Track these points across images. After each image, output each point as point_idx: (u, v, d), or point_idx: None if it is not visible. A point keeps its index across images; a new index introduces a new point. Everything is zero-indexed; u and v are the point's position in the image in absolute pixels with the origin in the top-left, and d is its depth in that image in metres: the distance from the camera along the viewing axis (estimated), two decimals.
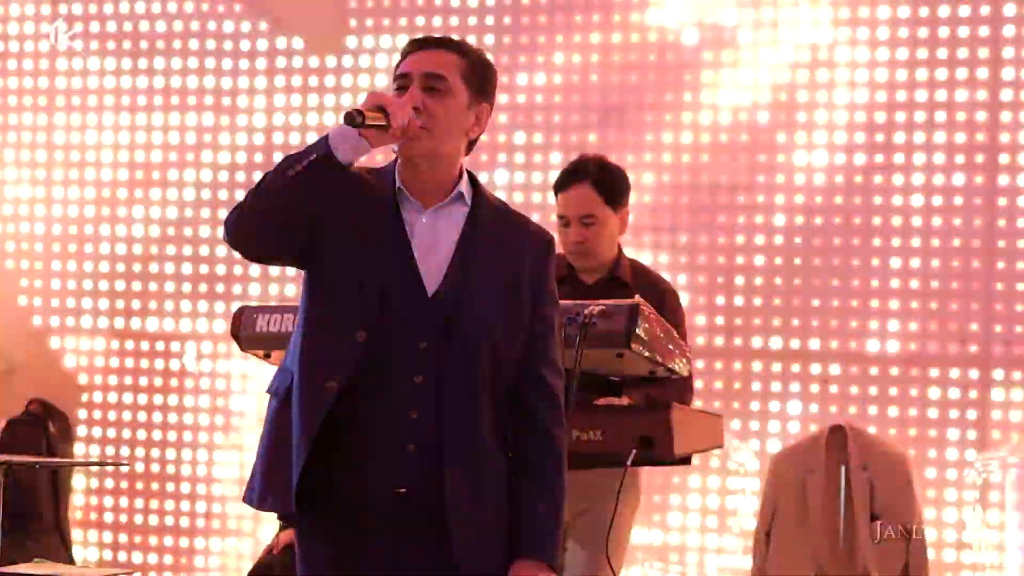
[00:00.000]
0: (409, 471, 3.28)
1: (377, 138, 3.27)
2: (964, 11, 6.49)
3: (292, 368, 3.39)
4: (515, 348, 3.37)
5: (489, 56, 3.49)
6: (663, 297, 4.62)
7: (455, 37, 3.47)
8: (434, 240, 3.36)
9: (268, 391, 3.48)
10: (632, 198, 4.78)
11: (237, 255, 7.62)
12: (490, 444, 3.34)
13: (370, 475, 3.29)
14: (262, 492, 3.39)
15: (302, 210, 3.27)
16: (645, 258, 6.60)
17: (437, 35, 3.47)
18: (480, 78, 3.41)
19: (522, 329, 3.37)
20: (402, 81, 3.37)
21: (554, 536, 3.36)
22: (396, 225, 3.35)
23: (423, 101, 3.32)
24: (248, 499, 3.45)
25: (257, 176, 7.22)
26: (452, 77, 3.35)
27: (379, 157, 3.48)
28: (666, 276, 6.30)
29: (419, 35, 3.51)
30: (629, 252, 4.89)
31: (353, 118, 3.21)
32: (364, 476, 3.29)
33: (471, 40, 7.20)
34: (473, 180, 3.45)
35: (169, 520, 7.28)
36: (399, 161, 3.39)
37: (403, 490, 3.29)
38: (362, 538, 3.30)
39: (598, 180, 4.72)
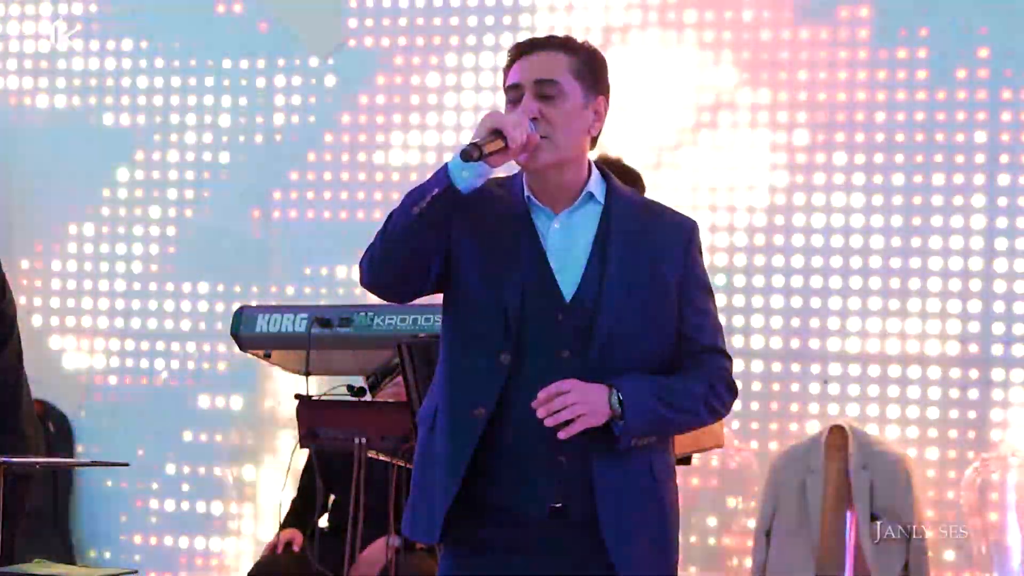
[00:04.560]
0: (563, 484, 3.22)
1: (498, 159, 3.17)
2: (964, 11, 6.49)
3: (436, 395, 3.32)
4: (664, 341, 3.29)
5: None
6: None
7: (558, 34, 3.37)
8: (569, 245, 3.28)
9: (417, 419, 3.42)
10: None
11: (237, 255, 7.64)
12: (640, 447, 3.26)
13: (524, 493, 3.23)
14: (410, 521, 3.36)
15: (433, 246, 3.20)
16: None
17: (541, 37, 3.37)
18: (592, 72, 3.30)
19: (670, 321, 3.29)
20: (513, 93, 3.27)
21: (641, 391, 3.21)
22: (529, 235, 3.27)
23: (539, 110, 3.22)
24: (403, 528, 3.41)
25: (256, 176, 7.29)
26: (563, 79, 3.25)
27: None
28: None
29: (525, 38, 3.41)
30: None
31: (470, 154, 3.10)
32: (518, 495, 3.23)
33: (471, 41, 7.26)
34: (605, 176, 3.36)
35: (169, 520, 7.27)
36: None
37: (559, 505, 3.23)
38: (518, 558, 3.24)
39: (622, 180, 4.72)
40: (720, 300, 6.59)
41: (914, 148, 6.51)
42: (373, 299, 3.42)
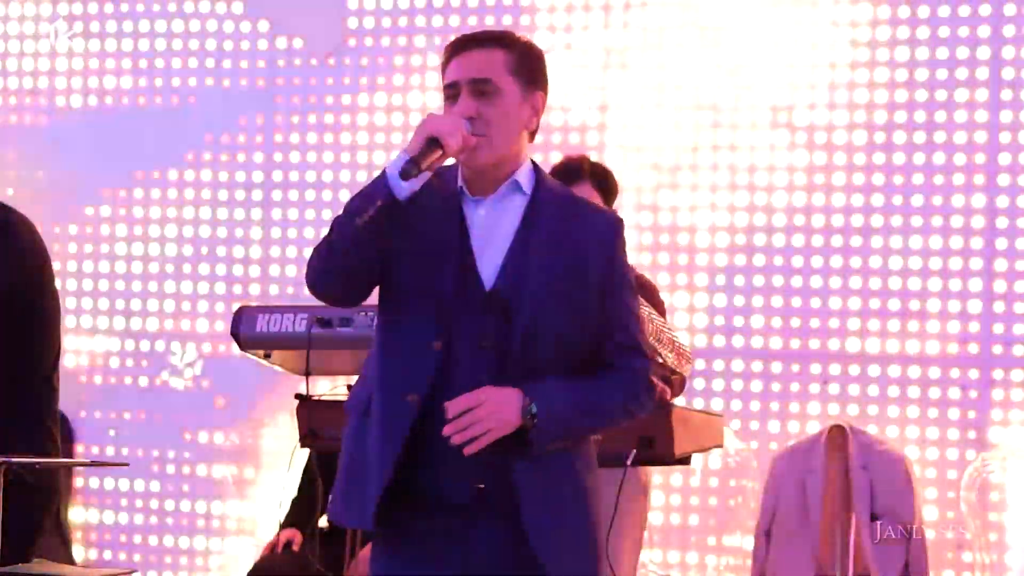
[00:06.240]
0: (484, 468, 3.23)
1: (437, 164, 3.19)
2: (964, 11, 6.49)
3: (370, 382, 3.34)
4: (585, 335, 3.30)
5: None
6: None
7: (495, 29, 3.39)
8: (492, 233, 3.29)
9: (345, 407, 3.44)
10: (632, 198, 4.78)
11: (237, 255, 7.64)
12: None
13: (446, 477, 3.25)
14: (343, 508, 3.37)
15: (376, 253, 3.23)
16: (644, 258, 6.61)
17: (478, 32, 3.38)
18: (529, 68, 3.31)
19: (591, 315, 3.29)
20: (451, 91, 3.28)
21: (557, 399, 3.23)
22: (458, 223, 3.28)
23: (476, 109, 3.24)
24: (331, 514, 3.44)
25: (256, 176, 7.28)
26: (499, 77, 3.26)
27: None
28: (666, 276, 6.29)
29: (461, 34, 3.38)
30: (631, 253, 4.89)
31: (409, 173, 3.13)
32: (440, 479, 3.25)
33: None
34: (536, 169, 3.37)
35: (169, 520, 7.28)
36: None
37: (481, 486, 3.24)
38: (440, 540, 3.27)
39: (595, 178, 4.71)
40: (720, 300, 6.66)
41: (914, 148, 6.51)
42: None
